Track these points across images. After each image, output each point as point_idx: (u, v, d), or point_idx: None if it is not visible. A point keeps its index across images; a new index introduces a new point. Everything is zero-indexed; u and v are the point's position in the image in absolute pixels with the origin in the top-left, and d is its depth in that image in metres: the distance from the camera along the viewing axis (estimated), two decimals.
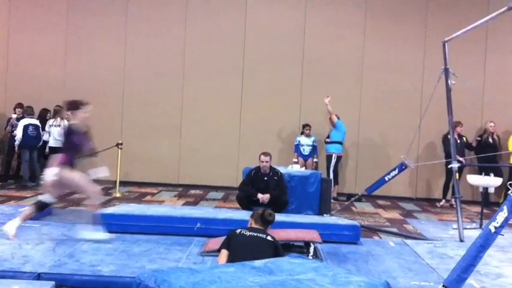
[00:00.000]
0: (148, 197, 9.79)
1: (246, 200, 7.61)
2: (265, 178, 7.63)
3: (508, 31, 10.72)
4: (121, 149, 9.79)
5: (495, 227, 4.22)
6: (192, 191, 10.73)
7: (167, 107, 11.20)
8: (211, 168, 11.08)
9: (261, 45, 11.12)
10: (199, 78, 11.17)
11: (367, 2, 11.11)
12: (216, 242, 5.13)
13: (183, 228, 6.26)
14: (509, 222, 4.20)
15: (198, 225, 6.26)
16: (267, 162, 7.62)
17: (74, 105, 5.76)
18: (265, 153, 7.70)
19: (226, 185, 10.76)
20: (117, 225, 6.15)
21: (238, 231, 4.59)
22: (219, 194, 10.50)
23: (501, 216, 4.22)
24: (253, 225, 4.78)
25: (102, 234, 5.66)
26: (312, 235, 5.67)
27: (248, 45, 11.17)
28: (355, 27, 11.12)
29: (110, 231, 5.83)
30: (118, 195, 9.58)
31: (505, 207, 4.23)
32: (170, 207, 8.37)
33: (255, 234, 4.53)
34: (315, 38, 11.10)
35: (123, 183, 10.27)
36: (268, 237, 4.54)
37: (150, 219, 6.36)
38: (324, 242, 5.80)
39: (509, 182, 4.38)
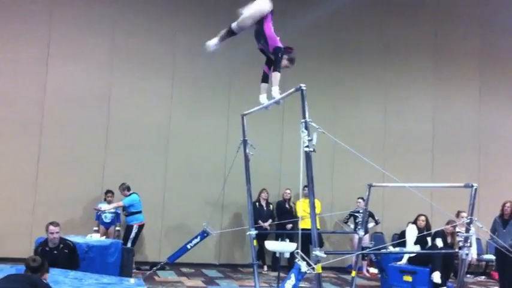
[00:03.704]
0: None
1: None
2: (55, 252, 6.97)
3: (299, 108, 11.70)
4: None
5: None
6: None
7: None
8: None
9: (63, 108, 10.58)
10: None
11: (174, 71, 11.33)
12: None
13: None
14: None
15: None
16: (57, 233, 6.98)
17: None
18: (54, 223, 7.01)
19: (18, 257, 9.69)
20: None
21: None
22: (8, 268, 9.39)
23: (289, 284, 4.42)
24: None
25: None
26: None
27: (48, 107, 10.52)
28: (161, 96, 11.23)
29: None
30: None
31: (292, 275, 4.45)
32: None
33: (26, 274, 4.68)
34: (120, 105, 10.93)
35: None
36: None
37: None
38: None
39: (297, 250, 4.62)
